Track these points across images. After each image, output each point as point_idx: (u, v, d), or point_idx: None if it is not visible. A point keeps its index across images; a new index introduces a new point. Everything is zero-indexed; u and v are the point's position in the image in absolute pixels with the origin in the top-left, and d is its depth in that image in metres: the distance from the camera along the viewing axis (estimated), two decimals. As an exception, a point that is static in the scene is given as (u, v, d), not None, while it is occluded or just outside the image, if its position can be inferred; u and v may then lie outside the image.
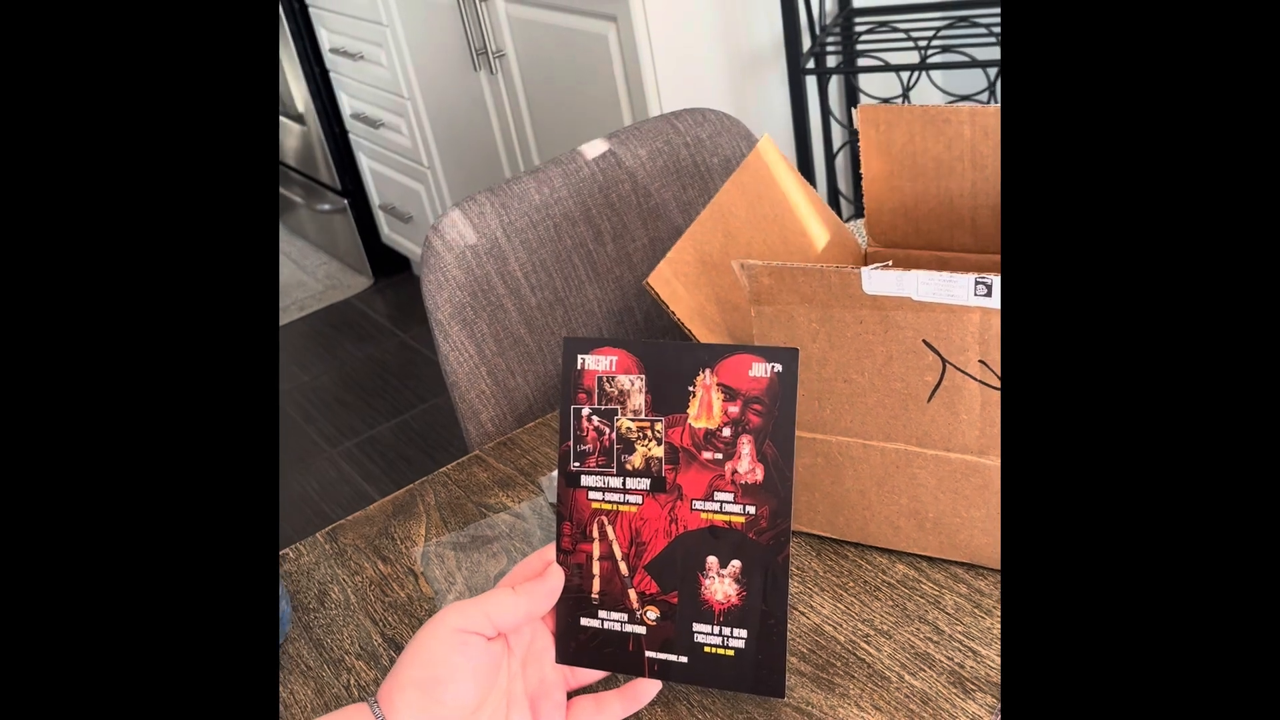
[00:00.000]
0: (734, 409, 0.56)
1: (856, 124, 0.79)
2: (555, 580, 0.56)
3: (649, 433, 0.57)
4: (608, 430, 0.57)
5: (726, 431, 0.56)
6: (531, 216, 1.01)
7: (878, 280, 0.58)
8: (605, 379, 0.58)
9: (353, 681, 0.67)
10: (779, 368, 0.55)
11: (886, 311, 0.59)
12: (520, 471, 0.84)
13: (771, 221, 0.78)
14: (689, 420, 0.56)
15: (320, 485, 2.15)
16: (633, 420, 0.57)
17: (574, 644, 0.58)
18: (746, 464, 0.56)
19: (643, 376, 0.57)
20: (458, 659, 0.51)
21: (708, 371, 0.56)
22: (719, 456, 0.56)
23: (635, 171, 1.06)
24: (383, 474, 2.15)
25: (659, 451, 0.57)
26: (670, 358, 0.57)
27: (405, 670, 0.51)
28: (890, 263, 0.73)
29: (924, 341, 0.59)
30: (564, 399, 0.58)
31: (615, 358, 0.57)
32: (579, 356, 0.58)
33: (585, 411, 0.58)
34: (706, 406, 0.56)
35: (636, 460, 0.57)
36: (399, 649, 0.69)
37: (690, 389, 0.56)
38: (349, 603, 0.74)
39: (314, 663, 0.69)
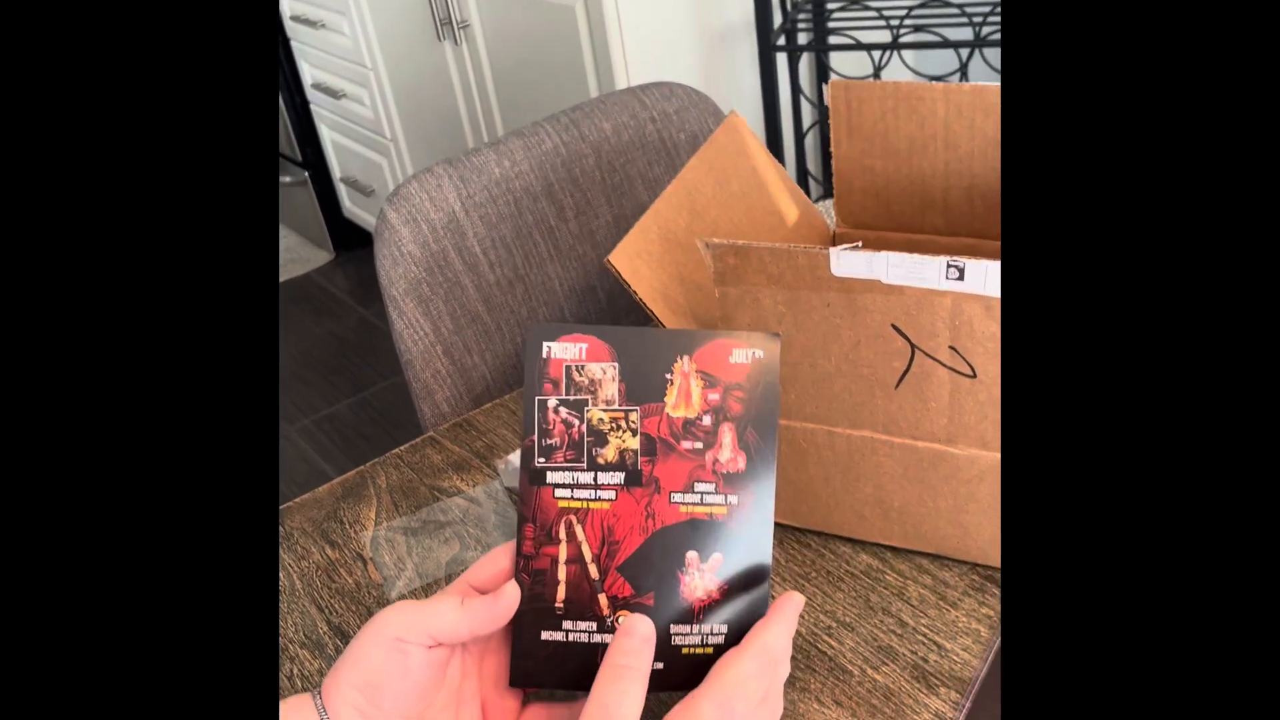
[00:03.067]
0: (715, 396, 0.53)
1: (827, 100, 0.77)
2: (508, 601, 0.51)
3: (623, 423, 0.54)
4: (577, 422, 0.54)
5: (707, 420, 0.53)
6: (491, 190, 0.98)
7: (846, 262, 0.56)
8: (574, 368, 0.54)
9: (296, 671, 0.64)
10: (760, 353, 0.53)
11: (855, 294, 0.57)
12: (475, 454, 0.81)
13: (738, 199, 0.75)
14: (666, 409, 0.53)
15: (277, 463, 2.11)
16: (605, 411, 0.54)
17: (531, 664, 0.53)
18: (728, 452, 0.53)
19: (615, 365, 0.54)
20: (395, 670, 0.49)
21: (686, 358, 0.53)
22: (699, 446, 0.53)
23: (599, 146, 1.03)
24: (341, 453, 2.11)
25: (634, 443, 0.53)
26: (645, 344, 0.54)
27: (345, 671, 0.49)
28: (860, 244, 0.71)
29: (893, 326, 0.57)
30: (528, 390, 0.55)
31: (585, 345, 0.54)
32: (545, 344, 0.54)
33: (552, 403, 0.54)
34: (685, 395, 0.53)
35: (609, 453, 0.54)
36: (346, 638, 0.66)
37: (668, 377, 0.54)
38: (294, 589, 0.71)
39: (256, 652, 0.66)
